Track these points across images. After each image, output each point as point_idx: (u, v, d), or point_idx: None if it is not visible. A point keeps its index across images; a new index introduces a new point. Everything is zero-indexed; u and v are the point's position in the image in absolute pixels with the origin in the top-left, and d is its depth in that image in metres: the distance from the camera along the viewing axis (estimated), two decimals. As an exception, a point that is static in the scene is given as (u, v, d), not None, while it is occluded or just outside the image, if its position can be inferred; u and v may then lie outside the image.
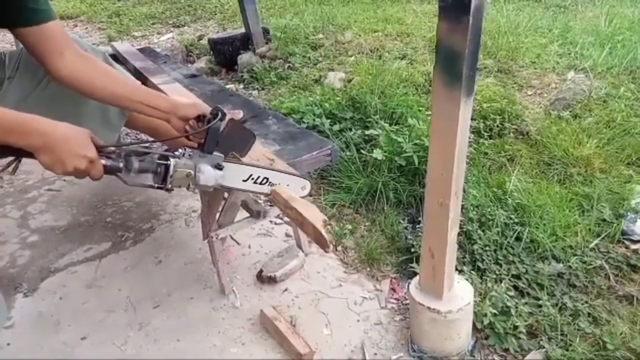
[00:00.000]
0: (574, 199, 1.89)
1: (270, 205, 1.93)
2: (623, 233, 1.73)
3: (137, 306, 1.62)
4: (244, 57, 3.52)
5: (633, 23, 3.42)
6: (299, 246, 1.79)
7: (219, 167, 1.18)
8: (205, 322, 1.54)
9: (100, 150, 1.06)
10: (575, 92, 2.51)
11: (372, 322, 1.53)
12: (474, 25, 0.97)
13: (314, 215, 1.17)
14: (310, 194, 2.15)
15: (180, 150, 1.16)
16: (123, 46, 2.82)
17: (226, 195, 1.56)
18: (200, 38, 4.31)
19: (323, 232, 1.12)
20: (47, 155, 1.00)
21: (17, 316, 1.59)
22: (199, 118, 1.31)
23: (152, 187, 1.14)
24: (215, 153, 1.19)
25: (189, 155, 1.16)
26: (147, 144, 1.34)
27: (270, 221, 1.99)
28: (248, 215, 1.68)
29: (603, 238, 1.71)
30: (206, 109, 1.32)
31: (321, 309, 1.58)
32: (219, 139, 1.21)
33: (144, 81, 2.16)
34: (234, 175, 1.23)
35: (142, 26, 5.01)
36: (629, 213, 1.78)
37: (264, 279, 1.68)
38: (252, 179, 1.26)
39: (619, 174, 2.01)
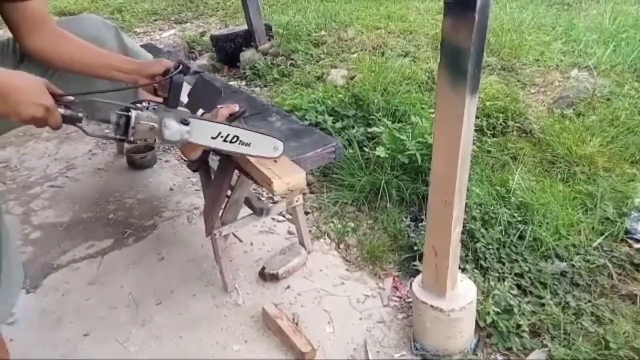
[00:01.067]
0: (578, 198, 1.88)
1: (274, 203, 1.94)
2: (626, 232, 1.72)
3: (140, 303, 1.62)
4: (247, 54, 3.50)
5: (637, 20, 3.40)
6: (302, 244, 1.79)
7: (185, 122, 1.15)
8: (207, 319, 1.54)
9: (58, 99, 1.05)
10: (578, 90, 2.50)
11: (374, 320, 1.52)
12: (479, 22, 0.97)
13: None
14: (312, 192, 2.17)
15: (144, 103, 1.14)
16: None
17: (229, 192, 1.56)
18: (202, 34, 4.30)
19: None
20: (2, 104, 0.99)
21: (20, 313, 1.58)
22: (166, 74, 1.29)
23: (114, 138, 1.12)
24: (181, 108, 1.17)
25: (154, 109, 1.13)
26: (107, 93, 1.23)
27: (273, 218, 1.99)
28: (251, 212, 1.68)
29: (606, 237, 1.71)
30: (172, 63, 1.30)
31: (323, 307, 1.58)
32: (187, 95, 1.19)
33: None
34: (202, 131, 1.20)
35: (144, 22, 5.00)
36: (632, 212, 1.77)
37: (267, 276, 1.67)
38: (222, 136, 1.23)
39: (623, 172, 2.00)
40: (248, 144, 1.28)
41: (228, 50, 3.63)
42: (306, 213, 2.00)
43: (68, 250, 1.88)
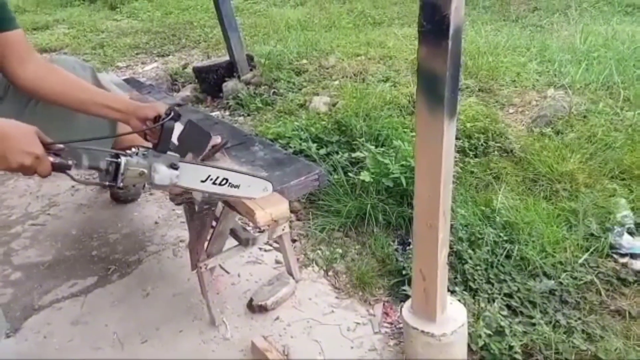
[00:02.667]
0: (561, 215, 1.90)
1: (260, 232, 1.92)
2: (611, 247, 1.74)
3: (125, 342, 1.57)
4: (229, 84, 3.53)
5: (607, 40, 3.53)
6: (290, 273, 1.77)
7: (174, 166, 1.17)
8: (195, 355, 1.51)
9: (48, 147, 1.06)
10: (555, 109, 2.56)
11: (366, 349, 1.50)
12: (453, 48, 0.99)
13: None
14: (299, 219, 2.16)
15: (133, 149, 1.15)
16: (109, 77, 2.82)
17: (214, 224, 1.54)
18: (184, 67, 4.33)
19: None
20: None
21: (-1, 358, 1.53)
22: (157, 118, 1.32)
23: (103, 185, 1.14)
24: (170, 153, 1.19)
25: (143, 154, 1.15)
26: (99, 139, 1.29)
27: (260, 248, 1.97)
28: (237, 243, 1.66)
29: (592, 253, 1.72)
30: (164, 109, 1.32)
31: (314, 337, 1.55)
32: (177, 140, 1.21)
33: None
34: (191, 175, 1.22)
35: (127, 56, 5.02)
36: (615, 227, 1.79)
37: (255, 308, 1.65)
38: (211, 179, 1.24)
39: (604, 188, 2.03)
40: (237, 186, 1.29)
41: (211, 81, 3.65)
42: (293, 241, 1.99)
43: (50, 290, 1.83)
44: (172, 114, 1.23)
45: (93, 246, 2.07)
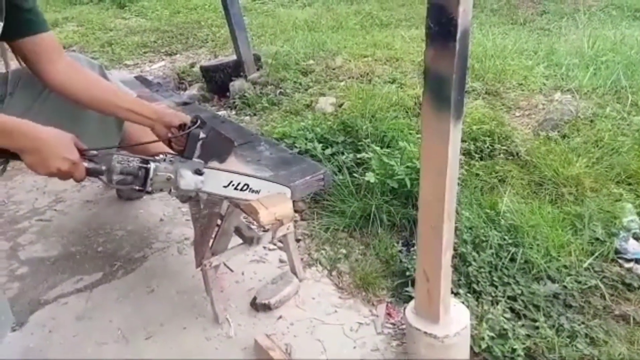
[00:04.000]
0: (566, 219, 1.90)
1: (264, 231, 1.93)
2: (616, 252, 1.73)
3: (129, 338, 1.59)
4: (236, 84, 3.54)
5: (615, 44, 3.51)
6: (294, 272, 1.78)
7: (199, 172, 1.22)
8: (198, 352, 1.51)
9: (83, 153, 1.11)
10: (562, 113, 2.56)
11: (368, 349, 1.50)
12: (460, 51, 0.99)
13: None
14: (304, 219, 2.17)
15: (161, 155, 1.20)
16: (118, 75, 2.84)
17: (219, 222, 1.55)
18: (192, 65, 4.35)
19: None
20: (32, 156, 1.05)
21: (4, 352, 1.54)
22: (182, 126, 1.36)
23: (132, 189, 1.18)
24: (195, 159, 1.23)
25: (170, 160, 1.20)
26: (129, 147, 1.41)
27: (264, 247, 1.98)
28: (241, 241, 1.67)
29: (597, 257, 1.71)
30: (188, 118, 1.37)
31: (317, 336, 1.55)
32: (200, 146, 1.25)
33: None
34: (214, 181, 1.26)
35: (134, 55, 5.05)
36: (621, 231, 1.78)
37: (258, 306, 1.65)
38: (233, 185, 1.29)
39: (609, 192, 2.03)
40: (257, 191, 1.34)
41: (218, 81, 3.66)
42: (297, 240, 1.99)
43: (56, 285, 1.85)
44: (198, 122, 1.26)
45: (99, 242, 2.09)
